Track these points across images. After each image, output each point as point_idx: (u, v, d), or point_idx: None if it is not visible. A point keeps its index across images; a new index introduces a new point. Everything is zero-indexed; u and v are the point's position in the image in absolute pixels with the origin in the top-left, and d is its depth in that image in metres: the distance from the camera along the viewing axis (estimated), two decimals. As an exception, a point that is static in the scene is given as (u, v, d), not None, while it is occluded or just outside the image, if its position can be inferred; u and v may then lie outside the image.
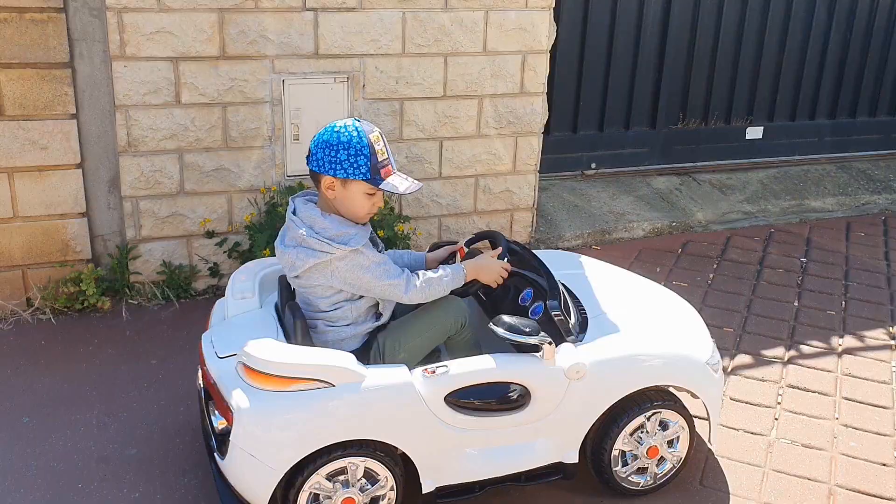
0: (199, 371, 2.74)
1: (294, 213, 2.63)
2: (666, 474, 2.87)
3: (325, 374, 2.41)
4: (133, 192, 3.91)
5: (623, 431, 2.73)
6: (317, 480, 2.48)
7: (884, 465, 3.09)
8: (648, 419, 2.76)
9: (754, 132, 5.76)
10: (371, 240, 2.69)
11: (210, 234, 4.08)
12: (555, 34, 4.46)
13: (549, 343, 2.56)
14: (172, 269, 4.05)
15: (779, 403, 3.42)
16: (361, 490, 2.54)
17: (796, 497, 2.91)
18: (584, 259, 3.32)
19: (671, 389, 2.83)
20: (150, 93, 3.78)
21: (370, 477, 2.55)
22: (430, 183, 4.42)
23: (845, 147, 6.05)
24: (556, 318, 2.66)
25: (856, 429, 3.28)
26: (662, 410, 2.77)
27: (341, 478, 2.51)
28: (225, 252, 4.12)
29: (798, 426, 3.28)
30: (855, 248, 4.91)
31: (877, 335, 3.96)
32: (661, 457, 2.84)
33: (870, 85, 5.97)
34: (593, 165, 5.47)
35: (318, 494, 2.51)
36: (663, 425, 2.80)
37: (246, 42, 3.84)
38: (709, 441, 2.96)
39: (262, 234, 3.93)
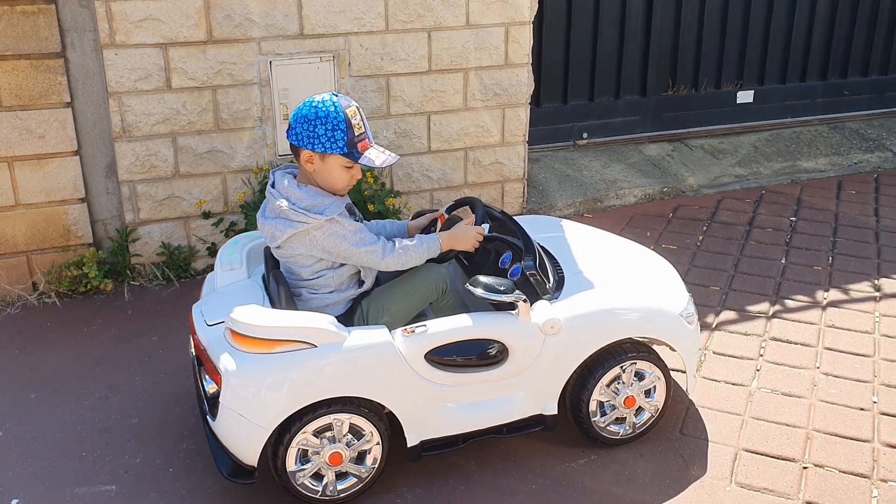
0: (191, 340, 2.86)
1: (273, 185, 2.74)
2: (644, 424, 2.96)
3: (307, 335, 2.52)
4: (129, 177, 4.03)
5: (600, 383, 2.83)
6: (304, 437, 2.59)
7: (862, 409, 3.17)
8: (624, 370, 2.86)
9: (745, 96, 5.80)
10: (348, 209, 2.79)
11: (206, 215, 4.20)
12: (537, 5, 4.53)
13: (524, 300, 2.66)
14: (171, 250, 4.18)
15: (761, 355, 3.50)
16: (348, 445, 2.65)
17: (774, 442, 3.00)
18: (565, 222, 3.41)
19: (646, 341, 2.92)
20: (141, 79, 3.89)
21: (356, 432, 2.66)
22: (419, 157, 4.51)
23: (837, 108, 6.08)
24: (531, 277, 2.76)
25: (836, 377, 3.36)
26: (638, 362, 2.86)
27: (328, 434, 2.62)
28: (222, 232, 4.24)
29: (779, 376, 3.36)
30: (845, 205, 4.96)
31: (862, 288, 4.02)
32: (640, 407, 2.93)
33: (860, 44, 5.98)
34: (585, 135, 5.53)
35: (307, 450, 2.62)
36: (639, 376, 2.89)
37: (232, 25, 3.94)
38: (687, 391, 3.05)
39: (255, 213, 4.03)
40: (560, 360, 2.77)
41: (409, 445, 2.71)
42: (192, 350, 2.87)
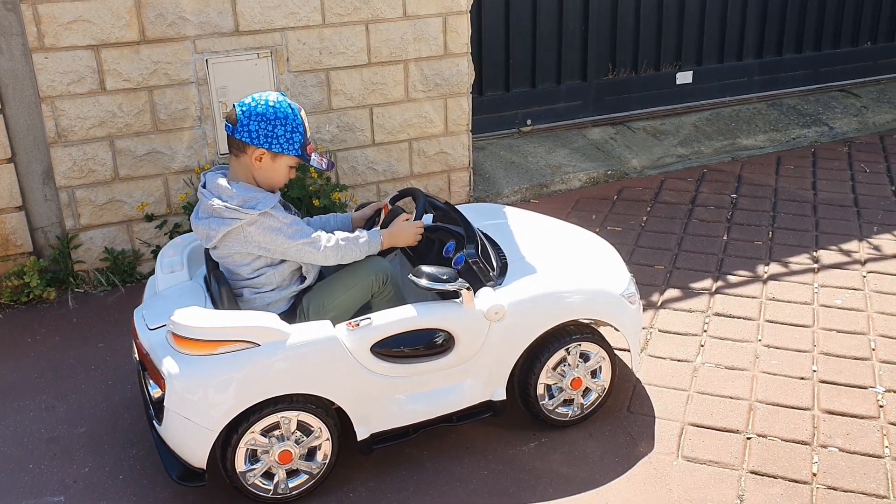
0: (134, 345, 2.83)
1: (204, 186, 2.72)
2: (592, 404, 3.01)
3: (250, 334, 2.52)
4: (67, 182, 3.96)
5: (546, 366, 2.87)
6: (252, 437, 2.58)
7: (802, 378, 3.26)
8: (570, 353, 2.90)
9: (684, 77, 5.89)
10: (282, 205, 2.78)
11: (149, 218, 4.14)
12: (474, -6, 4.54)
13: (467, 288, 2.68)
14: (115, 255, 4.11)
15: (705, 331, 3.57)
16: (297, 442, 2.65)
17: (718, 415, 3.07)
18: (507, 209, 3.44)
19: (589, 322, 2.96)
20: (73, 82, 3.82)
21: (304, 429, 2.66)
22: (364, 150, 4.50)
23: (775, 85, 6.20)
24: (473, 265, 2.78)
25: (777, 348, 3.44)
26: (583, 343, 2.91)
27: (276, 432, 2.62)
28: (166, 234, 4.19)
29: (722, 350, 3.44)
30: (784, 180, 5.07)
31: (801, 260, 4.12)
32: (587, 388, 2.98)
33: (794, 21, 6.10)
34: (528, 122, 5.57)
35: (256, 450, 2.62)
36: (585, 357, 2.94)
37: (165, 24, 3.89)
38: (633, 370, 3.10)
39: (198, 213, 4.00)
40: (506, 346, 2.80)
41: (359, 439, 2.72)
42: (136, 355, 2.84)
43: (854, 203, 4.75)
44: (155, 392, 2.60)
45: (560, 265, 3.01)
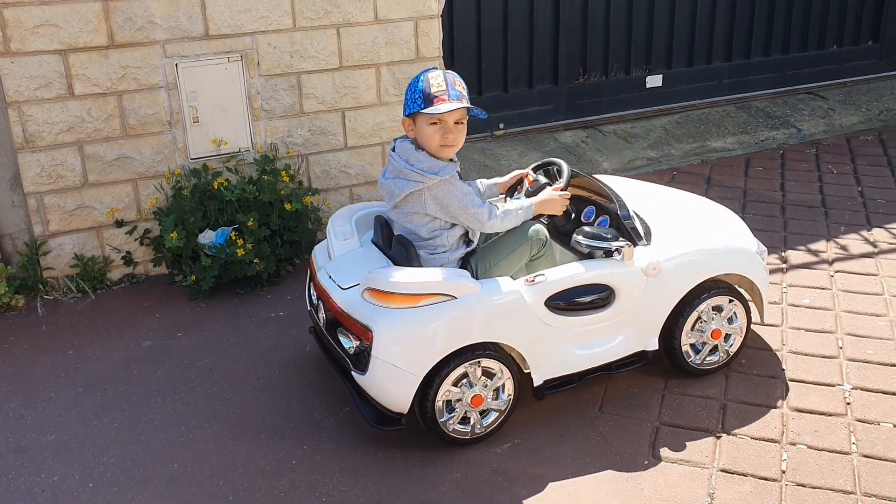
0: (322, 305, 3.05)
1: (394, 150, 2.98)
2: (735, 346, 3.29)
3: (448, 288, 2.77)
4: (36, 188, 3.92)
5: (689, 318, 3.14)
6: (449, 382, 2.83)
7: (772, 377, 3.30)
8: (702, 311, 3.16)
9: (654, 80, 5.94)
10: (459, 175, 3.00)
11: (119, 224, 4.11)
12: (444, -1, 4.55)
13: (628, 245, 2.96)
14: (85, 261, 4.08)
15: (676, 331, 3.60)
16: (485, 386, 2.90)
17: (689, 414, 3.10)
18: (628, 180, 3.78)
19: (725, 279, 3.22)
20: (41, 87, 3.79)
21: (487, 374, 2.91)
22: (336, 154, 4.49)
23: (743, 87, 6.28)
24: (628, 226, 3.08)
25: (747, 347, 3.47)
26: (714, 298, 3.17)
27: (467, 379, 2.87)
28: (136, 240, 4.16)
29: (693, 350, 3.47)
30: (753, 181, 5.14)
31: (769, 260, 4.16)
32: (727, 333, 3.26)
33: (762, 25, 6.19)
34: (501, 126, 5.60)
35: (450, 400, 2.87)
36: (718, 309, 3.20)
37: (134, 29, 3.86)
38: (760, 320, 3.39)
39: (168, 218, 3.97)
40: (660, 299, 3.07)
41: (535, 385, 2.97)
42: (322, 315, 3.06)
43: (822, 204, 4.82)
44: (352, 346, 2.85)
45: (700, 226, 3.30)
